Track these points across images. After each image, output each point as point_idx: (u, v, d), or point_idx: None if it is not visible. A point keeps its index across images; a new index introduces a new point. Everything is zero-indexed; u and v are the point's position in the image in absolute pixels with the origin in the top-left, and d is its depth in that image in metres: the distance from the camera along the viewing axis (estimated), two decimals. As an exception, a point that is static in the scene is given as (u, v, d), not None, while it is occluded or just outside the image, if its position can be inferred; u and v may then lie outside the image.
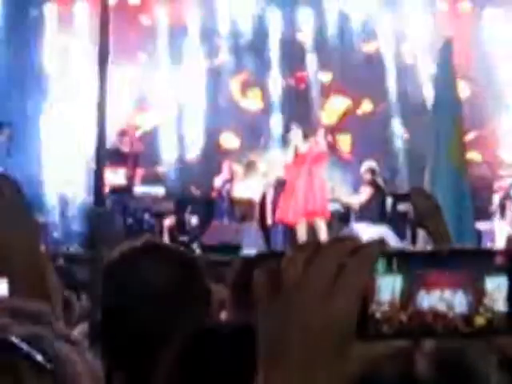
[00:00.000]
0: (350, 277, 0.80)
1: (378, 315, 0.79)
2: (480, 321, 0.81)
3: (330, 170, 11.88)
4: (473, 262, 0.82)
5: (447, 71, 7.50)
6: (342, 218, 11.91)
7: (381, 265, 0.80)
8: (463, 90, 10.78)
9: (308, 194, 11.14)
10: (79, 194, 12.50)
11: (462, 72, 10.01)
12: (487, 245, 9.59)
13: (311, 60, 13.59)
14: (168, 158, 13.55)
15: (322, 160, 11.44)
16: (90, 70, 11.90)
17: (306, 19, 13.58)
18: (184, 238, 11.54)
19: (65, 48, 13.64)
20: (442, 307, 0.81)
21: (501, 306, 0.81)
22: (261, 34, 13.71)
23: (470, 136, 10.91)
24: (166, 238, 10.75)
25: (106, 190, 10.39)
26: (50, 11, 13.73)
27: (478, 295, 0.81)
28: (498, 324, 0.81)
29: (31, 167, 12.40)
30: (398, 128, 13.42)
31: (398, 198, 11.50)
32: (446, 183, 7.41)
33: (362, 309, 0.79)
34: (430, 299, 0.81)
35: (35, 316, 1.10)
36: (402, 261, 0.81)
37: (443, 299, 0.81)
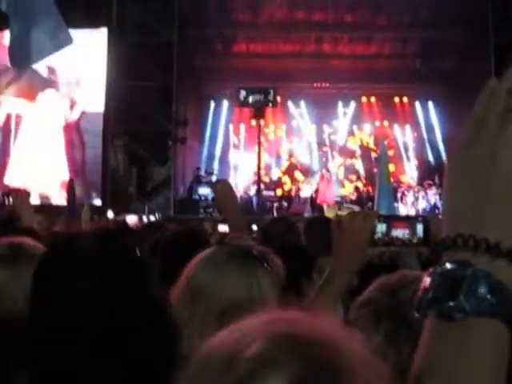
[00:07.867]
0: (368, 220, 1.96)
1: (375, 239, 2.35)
2: (414, 240, 2.86)
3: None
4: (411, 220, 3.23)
5: (384, 156, 15.38)
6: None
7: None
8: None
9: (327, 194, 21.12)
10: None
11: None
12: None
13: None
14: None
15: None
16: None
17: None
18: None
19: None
20: (401, 236, 2.83)
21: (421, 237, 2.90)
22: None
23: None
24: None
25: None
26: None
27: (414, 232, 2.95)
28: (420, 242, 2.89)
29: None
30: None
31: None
32: (384, 193, 13.76)
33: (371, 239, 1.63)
34: (396, 233, 2.82)
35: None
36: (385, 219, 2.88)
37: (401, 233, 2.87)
